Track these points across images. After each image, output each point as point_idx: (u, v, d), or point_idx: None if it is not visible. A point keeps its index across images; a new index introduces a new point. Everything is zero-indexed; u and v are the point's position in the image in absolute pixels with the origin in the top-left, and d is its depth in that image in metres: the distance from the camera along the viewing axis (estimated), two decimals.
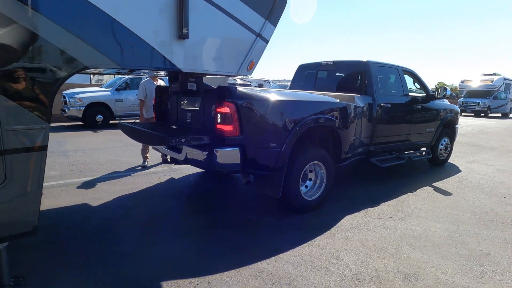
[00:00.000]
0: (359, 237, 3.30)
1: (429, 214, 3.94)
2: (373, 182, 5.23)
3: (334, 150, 4.26)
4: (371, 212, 4.00)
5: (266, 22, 3.13)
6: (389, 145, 5.26)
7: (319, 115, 3.87)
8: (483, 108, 20.81)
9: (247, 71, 3.17)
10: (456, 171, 6.15)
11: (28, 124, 2.15)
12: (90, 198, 4.22)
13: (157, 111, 4.65)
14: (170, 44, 2.67)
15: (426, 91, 5.93)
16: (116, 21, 2.38)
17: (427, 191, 4.85)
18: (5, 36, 2.01)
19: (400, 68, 5.55)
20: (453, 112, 6.52)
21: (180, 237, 3.21)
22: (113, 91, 10.93)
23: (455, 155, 7.43)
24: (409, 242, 3.21)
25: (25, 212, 2.24)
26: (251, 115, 3.27)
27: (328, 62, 5.58)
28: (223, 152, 3.15)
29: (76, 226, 3.40)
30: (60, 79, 2.23)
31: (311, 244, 3.13)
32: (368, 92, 4.82)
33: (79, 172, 5.31)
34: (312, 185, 3.99)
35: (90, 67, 2.32)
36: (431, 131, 6.02)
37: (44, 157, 2.26)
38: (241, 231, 3.39)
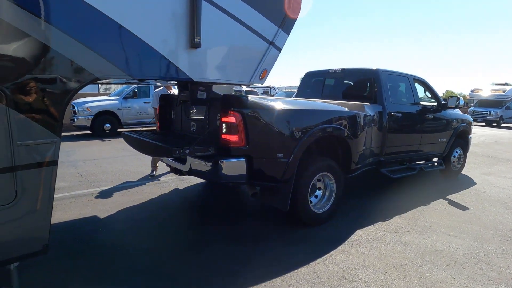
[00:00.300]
0: (376, 253, 3.17)
1: (448, 229, 3.78)
2: (384, 193, 5.08)
3: (343, 161, 4.14)
4: (386, 225, 3.86)
5: (279, 30, 3.06)
6: (400, 155, 5.11)
7: (328, 124, 3.75)
8: (495, 118, 20.40)
9: (260, 79, 3.10)
10: (471, 183, 5.96)
11: (39, 138, 2.10)
12: (99, 210, 4.16)
13: (161, 120, 4.57)
14: (182, 53, 2.61)
15: (438, 100, 5.79)
16: (128, 30, 2.33)
17: (443, 204, 4.69)
18: (16, 48, 1.97)
19: (411, 76, 5.44)
20: (466, 122, 6.37)
21: (190, 252, 3.11)
22: (121, 99, 10.98)
23: (469, 166, 7.23)
24: (430, 259, 3.06)
25: (36, 231, 2.17)
26: (258, 124, 3.18)
27: (336, 70, 5.49)
28: (228, 163, 3.05)
29: (86, 240, 3.32)
30: (71, 92, 2.18)
31: (326, 259, 3.01)
32: (378, 100, 4.71)
33: (88, 183, 5.27)
34: (321, 197, 3.86)
35: (102, 79, 2.27)
36: (443, 142, 5.87)
37: (54, 172, 2.20)
38: (252, 244, 3.28)
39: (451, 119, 5.94)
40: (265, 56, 3.06)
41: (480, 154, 9.03)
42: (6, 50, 1.94)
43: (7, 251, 2.13)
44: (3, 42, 1.91)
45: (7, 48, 1.94)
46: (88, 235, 3.43)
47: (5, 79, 1.96)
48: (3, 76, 1.95)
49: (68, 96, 2.16)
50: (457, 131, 6.03)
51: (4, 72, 1.96)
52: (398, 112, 4.82)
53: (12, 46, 1.95)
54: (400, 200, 4.75)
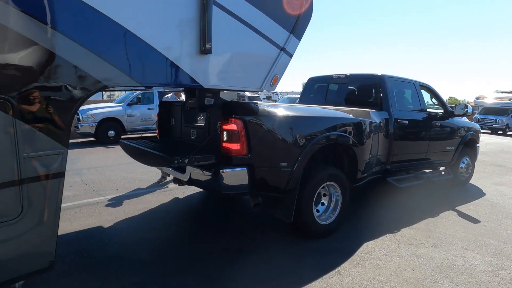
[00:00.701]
0: (392, 266, 3.05)
1: (465, 243, 3.65)
2: (390, 203, 4.93)
3: (349, 170, 4.02)
4: (399, 236, 3.74)
5: (290, 36, 2.99)
6: (407, 164, 4.98)
7: (333, 131, 3.62)
8: (501, 126, 20.21)
9: (271, 86, 3.02)
10: (483, 193, 5.81)
11: (46, 150, 2.02)
12: (104, 220, 4.07)
13: (160, 127, 4.42)
14: (192, 60, 2.54)
15: (445, 107, 5.68)
16: (137, 37, 2.26)
17: (456, 215, 4.55)
18: (23, 56, 1.91)
19: (417, 82, 5.34)
20: (474, 130, 6.23)
21: (197, 265, 3.00)
22: (125, 106, 10.95)
23: (479, 175, 7.09)
24: (448, 275, 2.93)
25: (42, 247, 2.08)
26: (260, 132, 3.05)
27: (340, 75, 5.39)
28: (229, 173, 2.93)
29: (92, 253, 3.22)
30: (78, 101, 2.10)
31: (340, 273, 2.89)
32: (384, 107, 4.61)
33: (92, 192, 5.19)
34: (326, 208, 3.72)
35: (110, 86, 2.20)
36: (451, 150, 5.74)
37: (61, 185, 2.12)
38: (260, 257, 3.16)
39: (458, 127, 5.82)
40: (276, 62, 2.98)
41: (489, 163, 8.87)
42: (12, 58, 1.88)
43: (12, 268, 2.04)
44: (9, 50, 1.85)
45: (13, 56, 1.87)
46: (94, 248, 3.33)
47: (11, 88, 1.89)
48: (9, 85, 1.89)
49: (75, 105, 2.09)
50: (464, 139, 5.91)
51: (10, 81, 1.89)
52: (404, 119, 4.72)
53: (19, 54, 1.89)
54: (409, 210, 4.63)
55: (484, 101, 22.03)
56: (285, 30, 2.97)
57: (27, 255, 2.07)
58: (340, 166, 3.95)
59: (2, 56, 1.84)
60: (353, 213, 4.32)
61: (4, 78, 1.87)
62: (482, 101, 22.20)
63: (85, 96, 2.11)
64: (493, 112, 20.69)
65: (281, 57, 3.00)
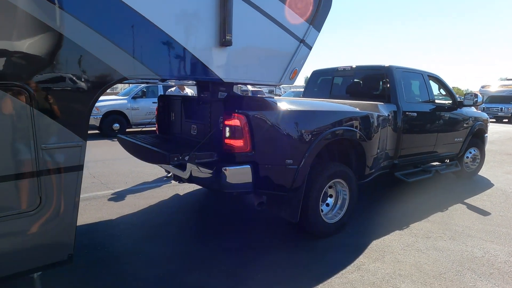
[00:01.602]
0: (411, 260, 3.00)
1: (483, 234, 3.60)
2: (399, 197, 4.85)
3: (357, 165, 3.87)
4: (415, 230, 3.69)
5: (310, 27, 2.87)
6: (415, 158, 4.87)
7: (341, 126, 3.47)
8: (507, 114, 20.00)
9: (290, 80, 2.91)
10: (495, 183, 5.74)
11: (65, 141, 1.96)
12: (115, 213, 4.03)
13: (159, 122, 4.25)
14: (212, 52, 2.45)
15: (453, 98, 5.54)
16: (157, 27, 2.18)
17: (471, 207, 4.50)
18: (42, 45, 1.84)
19: (425, 73, 5.20)
20: (482, 120, 6.09)
21: (212, 262, 2.95)
22: (130, 99, 10.87)
23: (489, 164, 7.02)
24: (470, 267, 2.89)
25: (61, 240, 2.05)
26: (264, 128, 2.90)
27: (346, 68, 5.23)
28: (232, 171, 2.79)
29: (105, 246, 3.19)
30: (97, 92, 2.04)
31: (360, 269, 2.85)
32: (392, 99, 4.47)
33: (101, 185, 5.14)
34: (332, 206, 3.60)
35: (129, 78, 2.12)
36: (459, 141, 5.63)
37: (80, 178, 2.07)
38: (275, 253, 3.11)
39: (467, 117, 5.68)
40: (295, 55, 2.87)
41: (498, 152, 8.80)
42: (32, 46, 1.80)
43: (31, 260, 2.01)
44: (29, 37, 1.78)
45: (32, 44, 1.80)
46: (107, 241, 3.30)
47: (28, 76, 1.83)
48: (26, 73, 1.82)
49: (94, 96, 2.02)
50: (473, 130, 5.78)
51: (27, 69, 1.82)
52: (413, 111, 4.59)
53: (38, 43, 1.82)
54: (420, 203, 4.56)
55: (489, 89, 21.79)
56: (304, 21, 2.85)
57: (46, 247, 2.04)
58: (347, 162, 3.83)
59: (20, 43, 1.77)
60: (363, 209, 4.26)
61: (21, 65, 1.81)
62: (487, 90, 21.96)
63: (104, 87, 2.04)
64: (498, 100, 20.45)
65: (300, 50, 2.88)
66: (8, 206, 1.87)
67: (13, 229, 1.91)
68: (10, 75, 1.78)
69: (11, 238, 1.93)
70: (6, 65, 1.77)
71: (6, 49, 1.75)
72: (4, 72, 1.77)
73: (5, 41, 1.74)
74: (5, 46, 1.75)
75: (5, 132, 1.81)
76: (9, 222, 1.88)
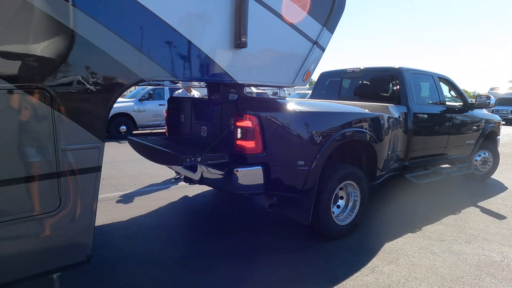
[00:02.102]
0: (427, 263, 2.96)
1: (500, 238, 3.55)
2: (410, 198, 4.80)
3: (368, 167, 3.85)
4: (429, 233, 3.65)
5: (323, 29, 2.87)
6: (426, 160, 4.82)
7: (352, 128, 3.45)
8: None
9: (303, 81, 2.91)
10: (509, 186, 5.65)
11: (84, 143, 1.97)
12: (126, 214, 4.04)
13: (169, 124, 4.25)
14: (228, 54, 2.46)
15: (464, 100, 5.49)
16: (175, 29, 2.19)
17: (485, 210, 4.44)
18: (63, 47, 1.85)
19: (436, 75, 5.16)
20: (494, 122, 6.02)
21: (226, 263, 2.95)
22: (136, 101, 10.93)
23: (501, 167, 6.92)
24: (489, 272, 2.84)
25: (79, 241, 2.05)
26: (276, 129, 2.89)
27: (355, 69, 5.21)
28: (244, 172, 2.78)
29: (118, 247, 3.20)
30: (115, 94, 2.05)
31: (374, 271, 2.82)
32: (402, 101, 4.44)
33: (111, 187, 5.17)
34: (343, 208, 3.57)
35: (146, 80, 2.13)
36: (471, 144, 5.56)
37: (98, 179, 2.08)
38: (288, 255, 3.09)
39: (478, 119, 5.63)
40: (309, 56, 2.87)
41: (510, 155, 8.69)
42: (51, 48, 1.82)
43: (51, 260, 2.02)
44: (47, 39, 1.79)
45: (51, 46, 1.82)
46: (120, 242, 3.30)
47: (49, 78, 1.84)
48: (48, 75, 1.84)
49: (112, 98, 2.03)
50: (485, 132, 5.72)
51: (48, 72, 1.84)
52: (423, 113, 4.56)
53: (58, 45, 1.83)
54: (432, 206, 4.51)
55: (498, 92, 21.54)
56: (317, 23, 2.85)
57: (65, 248, 2.05)
58: (357, 164, 3.81)
59: (41, 46, 1.78)
60: (374, 210, 4.22)
61: (43, 68, 1.82)
62: (496, 92, 21.71)
63: (122, 89, 2.05)
64: (508, 102, 20.20)
65: (314, 51, 2.88)
66: (29, 207, 1.88)
67: (33, 230, 1.92)
68: (31, 77, 1.80)
69: (32, 239, 1.94)
70: (27, 67, 1.79)
71: (27, 51, 1.77)
72: (25, 74, 1.79)
73: (25, 44, 1.76)
74: (25, 48, 1.77)
75: (26, 134, 1.83)
76: (29, 223, 1.90)
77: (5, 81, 1.72)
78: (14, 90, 1.75)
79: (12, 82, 1.73)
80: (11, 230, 1.86)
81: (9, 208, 1.82)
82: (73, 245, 2.06)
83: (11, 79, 1.73)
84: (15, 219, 1.85)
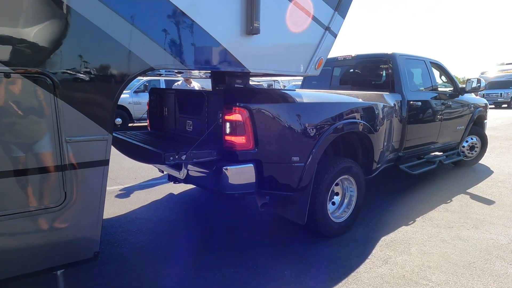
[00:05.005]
0: (438, 251, 2.94)
1: (505, 220, 3.56)
2: (410, 187, 4.76)
3: (363, 160, 3.66)
4: (436, 220, 3.63)
5: (335, 14, 2.73)
6: (419, 149, 4.72)
7: (350, 119, 3.25)
8: (506, 99, 19.90)
9: (315, 70, 2.77)
10: (507, 168, 5.69)
11: (90, 134, 1.86)
12: (128, 209, 3.94)
13: (151, 118, 3.94)
14: (240, 41, 2.31)
15: (455, 85, 5.37)
16: (185, 14, 2.06)
17: (487, 194, 4.45)
18: (68, 31, 1.72)
19: (428, 60, 5.01)
20: (482, 106, 5.92)
21: (236, 258, 2.88)
22: (132, 93, 10.70)
23: (497, 151, 6.98)
24: (498, 255, 2.85)
25: (86, 237, 1.96)
26: (268, 122, 2.66)
27: (346, 57, 4.99)
28: (234, 170, 2.54)
29: (122, 242, 3.11)
30: (123, 82, 1.93)
31: (387, 262, 2.79)
32: (396, 89, 4.27)
33: (110, 180, 5.04)
34: (339, 204, 3.39)
35: (156, 68, 2.01)
36: (461, 129, 5.49)
37: (106, 173, 1.98)
38: (299, 247, 3.05)
39: (468, 104, 5.51)
40: (321, 43, 2.71)
41: (504, 138, 8.76)
42: (54, 31, 1.69)
43: (57, 257, 1.93)
44: (54, 23, 1.66)
45: (55, 29, 1.68)
46: (124, 237, 3.22)
47: (52, 64, 1.72)
48: (50, 60, 1.71)
49: (120, 87, 1.91)
50: (474, 116, 5.63)
51: (51, 56, 1.71)
52: (417, 100, 4.42)
53: (62, 27, 1.70)
54: (434, 193, 4.49)
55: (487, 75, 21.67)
56: (329, 7, 2.70)
57: (71, 244, 1.96)
58: (353, 156, 3.64)
59: (43, 28, 1.65)
60: (374, 203, 4.17)
61: (44, 52, 1.69)
62: (486, 75, 21.82)
63: (130, 77, 1.93)
64: (498, 86, 20.32)
65: (326, 38, 2.73)
66: (31, 202, 1.77)
67: (37, 225, 1.82)
68: (32, 62, 1.67)
69: (35, 235, 1.84)
70: (27, 51, 1.65)
71: (27, 35, 1.63)
72: (25, 59, 1.66)
73: (26, 27, 1.63)
74: (26, 32, 1.63)
75: (28, 123, 1.71)
76: (32, 218, 1.80)
77: (1, 64, 1.58)
78: (12, 74, 1.62)
79: (9, 66, 1.60)
80: (11, 225, 1.75)
81: (8, 202, 1.71)
82: (80, 241, 1.97)
83: (8, 63, 1.60)
84: (15, 213, 1.74)
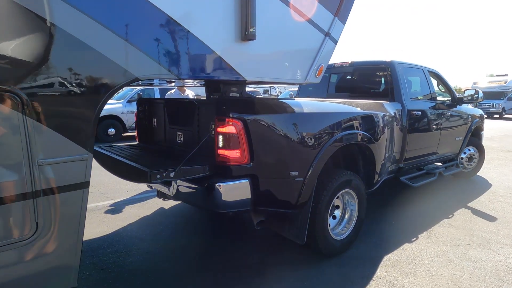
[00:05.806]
0: (446, 274, 2.76)
1: (511, 240, 3.39)
2: (411, 200, 4.59)
3: (365, 173, 3.50)
4: (441, 237, 3.46)
5: (335, 19, 2.59)
6: (419, 160, 4.58)
7: (351, 129, 3.09)
8: (498, 109, 20.17)
9: (316, 77, 2.62)
10: (506, 182, 5.55)
11: (66, 155, 1.66)
12: (117, 226, 3.72)
13: (139, 129, 3.72)
14: (234, 47, 2.15)
15: (452, 94, 5.29)
16: (173, 19, 1.90)
17: (490, 210, 4.28)
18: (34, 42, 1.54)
19: (426, 68, 4.93)
20: (479, 117, 5.86)
21: (229, 279, 2.68)
22: (125, 103, 10.51)
23: (494, 163, 6.86)
24: (509, 280, 2.67)
25: (62, 272, 1.75)
26: (265, 135, 2.47)
27: (343, 64, 4.89)
28: (228, 187, 2.34)
29: (110, 267, 2.88)
30: (105, 95, 1.74)
31: (393, 285, 2.60)
32: (396, 97, 4.16)
33: (100, 194, 4.82)
34: (339, 220, 3.20)
35: (142, 79, 1.83)
36: (460, 140, 5.38)
37: (86, 196, 1.77)
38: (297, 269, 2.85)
39: (466, 114, 5.45)
40: (321, 49, 2.58)
41: (500, 149, 8.67)
42: (21, 42, 1.50)
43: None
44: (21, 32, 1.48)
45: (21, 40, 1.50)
46: (111, 260, 2.99)
47: (21, 79, 1.53)
48: (19, 75, 1.53)
49: (101, 101, 1.73)
50: (471, 127, 5.54)
51: (20, 71, 1.53)
52: (417, 110, 4.29)
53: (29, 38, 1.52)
54: (436, 207, 4.33)
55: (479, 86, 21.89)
56: (329, 12, 2.56)
57: (43, 281, 1.73)
58: (353, 169, 3.45)
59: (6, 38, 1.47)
60: (374, 215, 3.99)
61: (11, 66, 1.50)
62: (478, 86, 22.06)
63: (113, 90, 1.75)
64: (489, 96, 20.50)
65: (326, 44, 2.59)
66: None
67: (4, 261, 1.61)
68: None
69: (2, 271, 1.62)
70: None
71: None
72: None
73: None
74: None
75: None
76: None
77: None
78: None
79: None
80: None
81: None
82: (54, 278, 1.75)
83: None
84: None
